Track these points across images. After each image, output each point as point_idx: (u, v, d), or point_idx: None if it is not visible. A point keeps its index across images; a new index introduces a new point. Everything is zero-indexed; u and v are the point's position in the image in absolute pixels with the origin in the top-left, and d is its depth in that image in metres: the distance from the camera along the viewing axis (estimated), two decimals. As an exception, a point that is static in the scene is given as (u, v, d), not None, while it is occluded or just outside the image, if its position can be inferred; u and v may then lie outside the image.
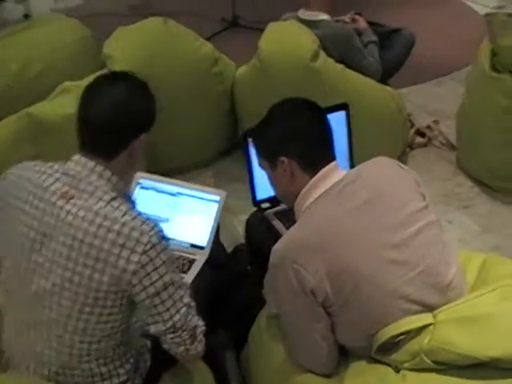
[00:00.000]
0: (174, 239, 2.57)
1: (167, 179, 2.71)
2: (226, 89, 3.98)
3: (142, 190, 2.67)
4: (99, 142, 1.90)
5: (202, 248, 2.60)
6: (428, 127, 4.40)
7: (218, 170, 4.14)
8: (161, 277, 1.84)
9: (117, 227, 1.81)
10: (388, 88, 3.98)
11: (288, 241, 2.00)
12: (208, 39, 4.30)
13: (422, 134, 4.36)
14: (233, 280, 2.67)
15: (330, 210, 2.01)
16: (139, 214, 1.87)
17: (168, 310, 1.88)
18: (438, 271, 2.01)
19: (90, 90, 1.95)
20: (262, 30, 3.80)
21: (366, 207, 2.00)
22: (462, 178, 4.05)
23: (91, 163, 1.88)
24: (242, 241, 3.06)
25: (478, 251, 3.26)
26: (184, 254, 2.59)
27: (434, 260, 2.01)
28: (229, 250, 2.97)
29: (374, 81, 3.85)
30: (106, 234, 1.80)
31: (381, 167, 2.18)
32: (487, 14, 3.55)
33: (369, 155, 2.71)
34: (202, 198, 2.64)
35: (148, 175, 2.73)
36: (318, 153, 2.11)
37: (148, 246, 1.81)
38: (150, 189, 2.67)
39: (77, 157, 1.91)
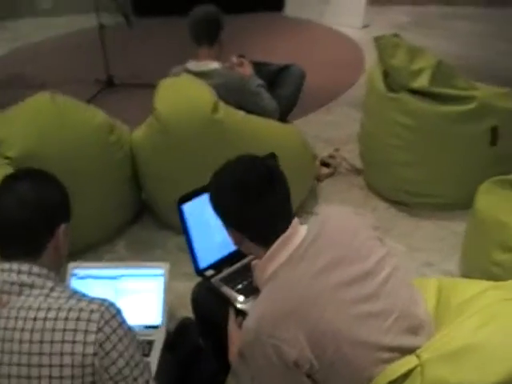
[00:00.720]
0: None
1: (103, 263, 2.60)
2: (125, 154, 3.82)
3: (79, 281, 2.51)
4: (18, 246, 1.81)
5: (156, 327, 2.47)
6: (331, 156, 4.42)
7: (130, 240, 3.94)
8: (120, 355, 1.73)
9: (63, 314, 1.70)
10: (290, 125, 3.96)
11: (259, 315, 1.89)
12: (87, 103, 4.14)
13: (326, 164, 4.36)
14: (188, 357, 2.53)
15: (297, 275, 1.93)
16: (83, 295, 1.79)
17: None
18: (409, 313, 1.99)
19: None
20: (138, 86, 3.67)
21: (332, 265, 1.93)
22: (375, 201, 4.07)
23: (15, 265, 1.77)
24: (174, 310, 2.93)
25: (411, 272, 3.30)
26: (141, 338, 2.42)
27: (405, 304, 1.99)
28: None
29: (275, 121, 3.81)
30: (54, 325, 1.69)
31: (338, 220, 2.11)
32: (376, 37, 3.59)
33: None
34: (144, 275, 2.51)
35: (81, 263, 2.58)
36: (276, 223, 2.01)
37: (101, 323, 1.71)
38: (87, 278, 2.51)
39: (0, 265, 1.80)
